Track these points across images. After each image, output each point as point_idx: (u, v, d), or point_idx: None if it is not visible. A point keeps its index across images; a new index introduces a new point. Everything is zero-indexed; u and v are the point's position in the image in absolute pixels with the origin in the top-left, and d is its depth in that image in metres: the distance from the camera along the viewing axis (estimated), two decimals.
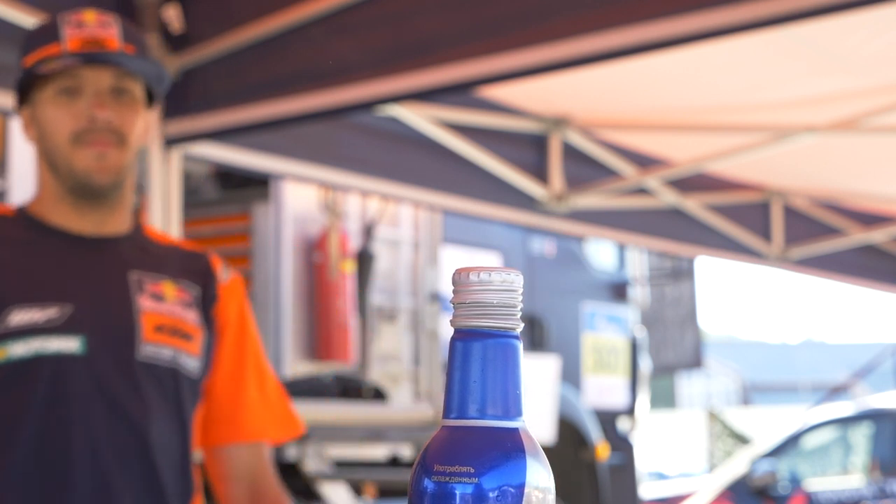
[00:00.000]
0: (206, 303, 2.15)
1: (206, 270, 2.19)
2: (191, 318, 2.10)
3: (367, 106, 3.13)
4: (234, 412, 2.17)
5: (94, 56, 2.04)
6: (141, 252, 2.14)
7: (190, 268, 2.17)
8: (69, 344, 1.99)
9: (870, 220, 5.75)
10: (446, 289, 6.93)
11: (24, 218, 2.12)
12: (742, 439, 21.18)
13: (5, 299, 2.01)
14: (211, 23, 3.17)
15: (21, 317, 2.00)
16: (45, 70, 2.03)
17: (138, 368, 2.03)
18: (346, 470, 6.13)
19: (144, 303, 2.06)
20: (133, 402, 2.02)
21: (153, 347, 2.04)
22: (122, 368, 2.03)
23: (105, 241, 2.10)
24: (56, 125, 2.04)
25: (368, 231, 6.44)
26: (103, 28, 2.08)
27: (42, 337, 1.99)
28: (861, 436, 10.29)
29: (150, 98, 2.16)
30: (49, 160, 2.08)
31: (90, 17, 2.09)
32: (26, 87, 2.09)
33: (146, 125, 2.14)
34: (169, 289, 2.10)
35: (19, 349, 1.98)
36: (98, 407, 2.00)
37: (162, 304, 2.08)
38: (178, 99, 3.21)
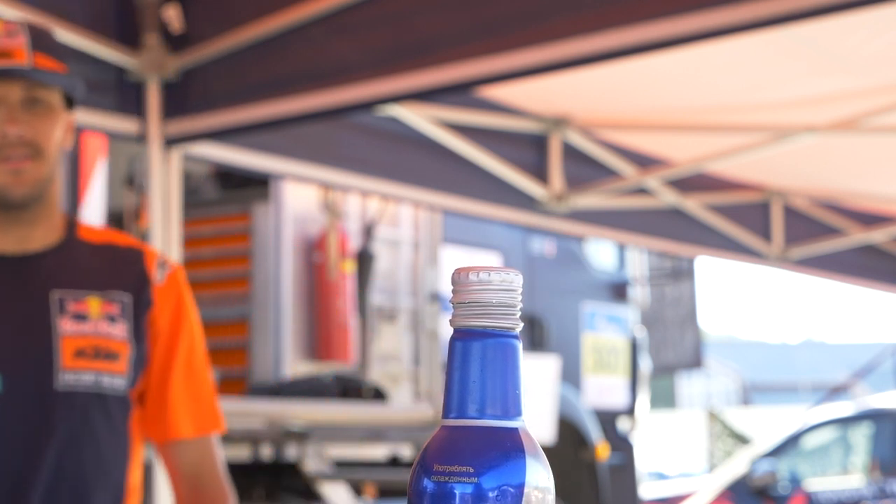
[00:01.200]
0: (139, 309, 2.10)
1: (139, 273, 2.13)
2: (117, 333, 2.06)
3: (367, 106, 3.13)
4: (160, 412, 2.14)
5: (1, 72, 2.00)
6: (67, 266, 2.08)
7: (122, 273, 2.12)
8: None
9: (870, 220, 5.75)
10: (446, 289, 6.92)
11: None
12: (742, 439, 21.17)
13: None
14: (211, 23, 3.17)
15: None
16: None
17: (56, 399, 2.00)
18: (346, 470, 6.12)
19: (65, 326, 2.02)
20: (52, 433, 1.99)
21: (72, 375, 2.01)
22: (38, 402, 1.99)
23: (28, 260, 2.06)
24: None
25: (368, 231, 6.44)
26: (10, 38, 2.02)
27: None
28: (861, 436, 10.29)
29: (71, 100, 2.12)
30: None
31: None
32: None
33: (67, 129, 2.10)
34: (94, 304, 2.05)
35: None
36: (17, 443, 1.98)
37: (85, 324, 2.03)
38: (178, 99, 3.21)
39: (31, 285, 2.05)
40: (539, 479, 0.87)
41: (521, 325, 0.90)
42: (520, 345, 0.90)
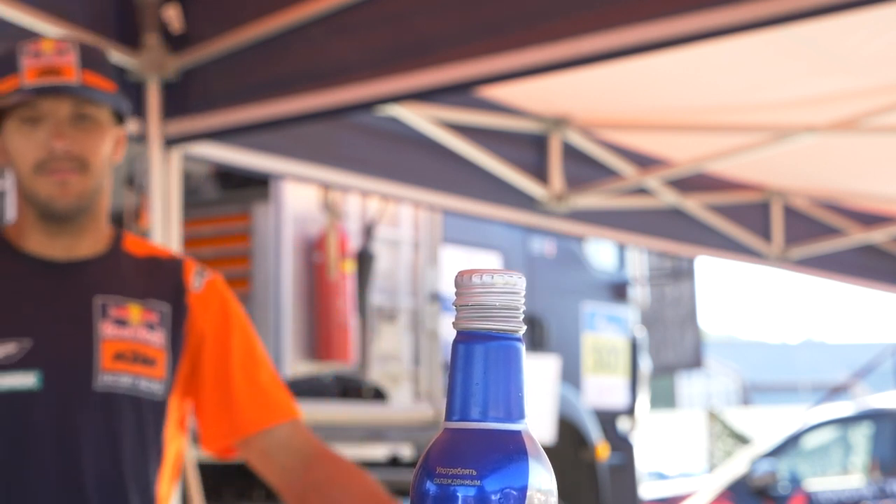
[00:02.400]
0: (177, 318, 2.16)
1: (177, 283, 2.19)
2: (155, 340, 2.12)
3: (367, 106, 3.13)
4: (230, 412, 2.17)
5: (47, 88, 2.06)
6: (111, 274, 2.15)
7: (161, 284, 2.18)
8: (25, 380, 2.03)
9: (870, 220, 5.75)
10: (446, 289, 6.93)
11: (1, 244, 2.15)
12: (742, 439, 21.17)
13: None
14: (211, 23, 3.17)
15: None
16: (3, 104, 2.07)
17: (95, 399, 2.05)
18: None
19: (106, 330, 2.08)
20: (88, 433, 2.05)
21: (111, 376, 2.06)
22: (78, 401, 2.05)
23: (75, 266, 2.13)
24: (20, 155, 2.08)
25: (368, 231, 6.44)
26: (60, 56, 2.09)
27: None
28: (861, 436, 10.29)
29: (120, 114, 2.18)
30: (20, 186, 2.12)
31: (48, 45, 2.11)
32: None
33: (117, 142, 2.16)
34: (134, 312, 2.12)
35: None
36: (53, 441, 2.03)
37: (125, 329, 2.09)
38: (178, 99, 3.21)
39: (76, 290, 2.11)
40: (542, 481, 0.87)
41: (525, 327, 0.90)
42: (523, 347, 0.90)
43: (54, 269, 2.12)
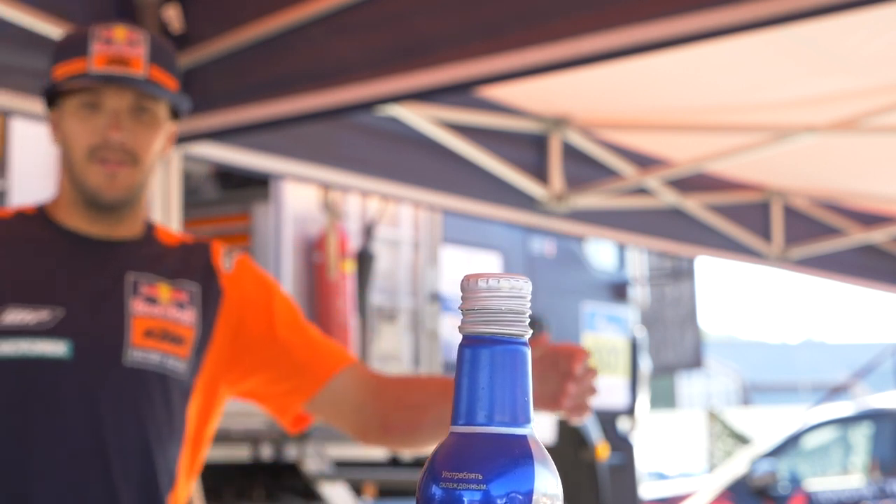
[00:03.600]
0: (209, 300, 2.19)
1: (206, 265, 2.22)
2: (185, 318, 2.14)
3: (367, 106, 3.13)
4: (296, 372, 2.20)
5: (114, 78, 2.08)
6: (143, 255, 2.18)
7: (190, 265, 2.21)
8: (56, 348, 2.04)
9: (870, 220, 5.75)
10: (446, 289, 6.93)
11: (41, 217, 2.18)
12: (742, 439, 21.18)
13: (3, 297, 2.07)
14: (211, 23, 3.17)
15: (13, 316, 2.05)
16: (68, 87, 2.09)
17: (124, 374, 2.07)
18: (346, 470, 6.13)
19: (137, 307, 2.11)
20: (115, 406, 2.07)
21: (141, 352, 2.08)
22: (107, 373, 2.07)
23: (110, 245, 2.16)
24: (74, 138, 2.10)
25: (368, 231, 6.44)
26: (131, 47, 2.12)
27: (30, 339, 2.04)
28: (861, 436, 10.29)
29: (176, 111, 2.21)
30: (67, 167, 2.15)
31: (120, 33, 2.13)
32: (55, 92, 2.14)
33: (168, 138, 2.20)
34: (164, 290, 2.14)
35: (7, 348, 2.04)
36: (80, 411, 2.05)
37: (155, 307, 2.12)
38: None
39: (110, 266, 2.14)
40: (548, 485, 0.87)
41: (530, 331, 0.90)
42: (529, 351, 0.90)
43: (90, 245, 2.15)
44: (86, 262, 2.14)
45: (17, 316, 2.06)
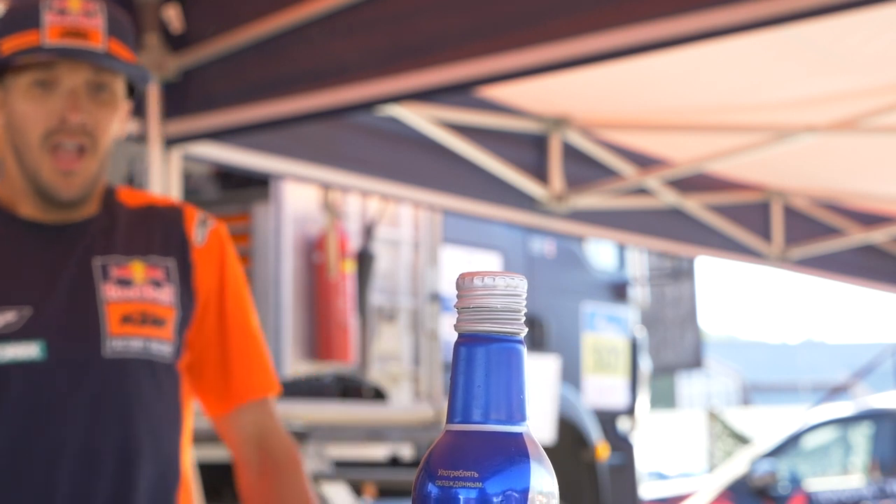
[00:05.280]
0: (184, 273, 2.02)
1: (179, 235, 2.05)
2: (164, 297, 1.98)
3: (367, 106, 3.13)
4: (217, 379, 2.05)
5: (71, 51, 1.91)
6: (108, 232, 2.00)
7: (163, 236, 2.04)
8: (27, 350, 1.89)
9: (870, 220, 5.75)
10: (446, 289, 6.93)
11: None
12: (742, 439, 21.17)
13: None
14: (211, 23, 3.17)
15: None
16: (19, 62, 1.92)
17: (106, 367, 1.92)
18: (346, 470, 6.12)
19: (109, 292, 1.94)
20: (100, 404, 1.92)
21: (120, 341, 1.93)
22: (87, 370, 1.91)
23: (70, 228, 1.99)
24: (27, 122, 1.93)
25: (368, 231, 6.44)
26: (87, 18, 1.93)
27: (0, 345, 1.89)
28: (861, 436, 10.29)
29: (132, 88, 2.05)
30: (16, 153, 1.97)
31: (75, 3, 1.94)
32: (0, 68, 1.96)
33: (124, 117, 2.03)
34: (138, 269, 1.98)
35: None
36: (64, 413, 1.90)
37: (129, 290, 1.95)
38: (178, 99, 3.21)
39: (74, 253, 1.97)
40: (544, 483, 0.87)
41: (526, 329, 0.90)
42: (524, 350, 0.90)
43: (49, 233, 1.98)
44: (47, 253, 1.96)
45: None
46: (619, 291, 8.82)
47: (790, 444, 10.22)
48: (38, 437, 1.90)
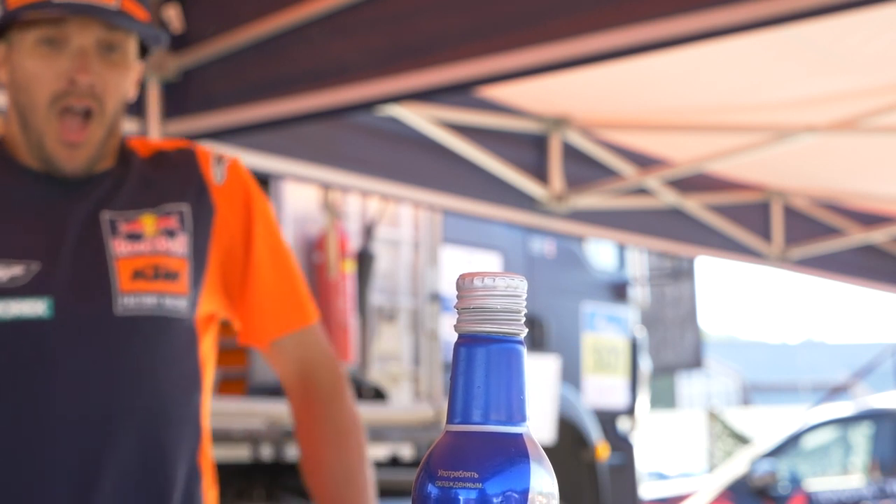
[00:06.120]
0: (201, 218, 1.91)
1: (194, 178, 1.93)
2: (177, 248, 1.86)
3: (367, 106, 3.13)
4: (253, 315, 1.95)
5: (81, 7, 1.79)
6: (119, 186, 1.89)
7: (176, 181, 1.92)
8: (34, 307, 1.78)
9: (870, 220, 5.75)
10: (446, 289, 6.93)
11: (1, 156, 1.90)
12: (742, 439, 21.18)
13: None
14: (211, 23, 3.17)
15: None
16: (26, 17, 1.80)
17: (117, 325, 1.81)
18: None
19: (119, 247, 1.83)
20: (112, 365, 1.81)
21: (133, 298, 1.81)
22: (97, 328, 1.80)
23: (81, 183, 1.88)
24: (33, 82, 1.82)
25: (368, 231, 6.44)
26: None
27: (4, 299, 1.78)
28: (861, 436, 10.29)
29: (144, 49, 1.93)
30: (20, 114, 1.86)
31: None
32: (4, 22, 1.85)
33: (135, 78, 1.92)
34: (148, 222, 1.86)
35: None
36: (73, 375, 1.79)
37: (140, 244, 1.84)
38: (178, 99, 3.21)
39: (83, 208, 1.85)
40: (544, 484, 0.87)
41: (526, 330, 0.90)
42: (524, 350, 0.90)
43: (57, 186, 1.86)
44: (56, 206, 1.85)
45: None
46: (619, 291, 8.82)
47: (790, 444, 10.22)
48: (45, 402, 1.79)
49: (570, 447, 7.89)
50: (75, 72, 1.80)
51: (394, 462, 6.49)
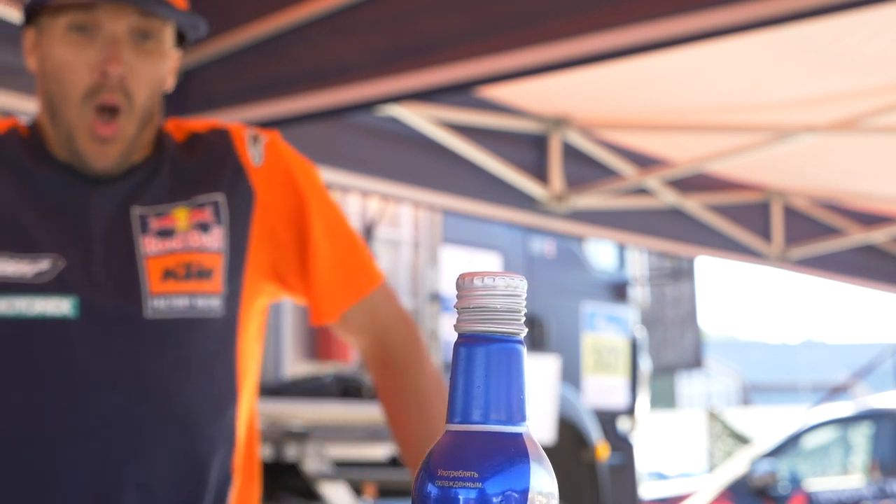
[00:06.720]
0: (239, 206, 1.80)
1: (229, 161, 1.82)
2: (211, 243, 1.76)
3: (367, 106, 3.13)
4: (318, 294, 1.84)
5: None
6: (153, 176, 1.79)
7: (209, 168, 1.81)
8: (59, 305, 1.68)
9: (870, 220, 5.75)
10: (446, 289, 6.93)
11: (35, 143, 1.79)
12: (742, 439, 21.18)
13: None
14: (211, 23, 3.16)
15: (6, 267, 1.70)
16: (55, 2, 1.70)
17: (146, 329, 1.71)
18: (346, 470, 6.13)
19: (149, 245, 1.73)
20: (139, 371, 1.71)
21: (163, 300, 1.71)
22: (124, 332, 1.70)
23: (108, 179, 1.77)
24: (64, 72, 1.72)
25: (368, 231, 6.44)
26: None
27: (28, 295, 1.68)
28: (861, 436, 10.29)
29: (181, 37, 1.83)
30: (49, 103, 1.77)
31: None
32: (33, 7, 1.75)
33: (172, 67, 1.81)
34: (181, 216, 1.76)
35: (2, 306, 1.68)
36: (98, 381, 1.69)
37: (171, 240, 1.74)
38: (178, 99, 3.21)
39: (110, 202, 1.76)
40: (543, 484, 0.87)
41: (526, 330, 0.90)
42: (524, 350, 0.90)
43: (88, 179, 1.76)
44: (86, 201, 1.75)
45: (10, 267, 1.69)
46: (619, 291, 8.83)
47: (790, 444, 10.22)
48: (67, 408, 1.68)
49: (570, 447, 7.89)
50: (106, 63, 1.70)
51: (394, 462, 6.49)
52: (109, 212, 1.75)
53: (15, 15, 2.82)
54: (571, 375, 8.04)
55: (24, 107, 2.90)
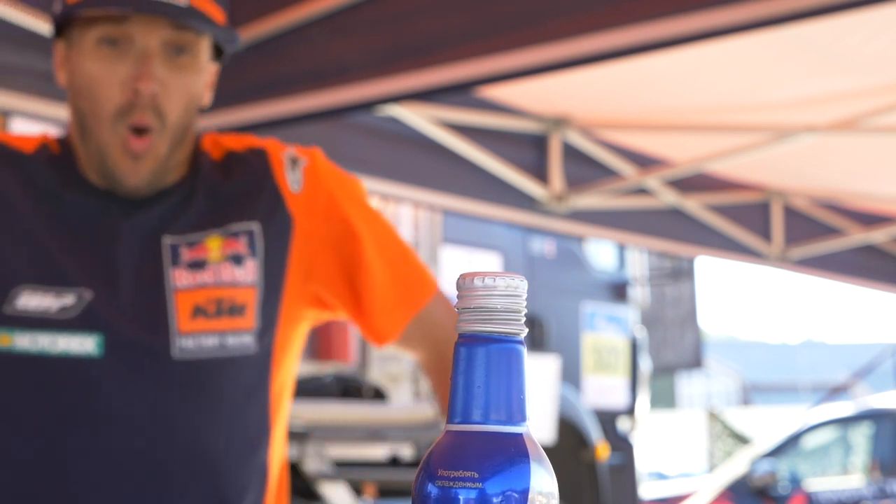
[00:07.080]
0: (275, 236, 1.70)
1: (266, 187, 1.72)
2: (244, 276, 1.66)
3: (367, 106, 3.13)
4: (373, 317, 1.75)
5: (148, 4, 1.61)
6: (185, 201, 1.70)
7: (244, 194, 1.72)
8: (84, 343, 1.60)
9: (870, 220, 5.75)
10: (446, 289, 6.93)
11: (66, 163, 1.70)
12: (742, 439, 21.19)
13: (16, 274, 1.62)
14: None
15: (30, 301, 1.61)
16: (85, 14, 1.62)
17: (174, 370, 1.62)
18: (346, 470, 6.13)
19: (180, 279, 1.64)
20: (166, 414, 1.62)
21: (192, 339, 1.62)
22: (150, 373, 1.62)
23: (143, 199, 1.69)
24: (96, 88, 1.63)
25: None
26: None
27: (51, 332, 1.60)
28: (861, 436, 10.29)
29: (218, 50, 1.76)
30: (80, 120, 1.68)
31: None
32: (63, 19, 1.67)
33: (208, 82, 1.74)
34: (214, 245, 1.67)
35: (22, 343, 1.60)
36: (123, 423, 1.61)
37: (203, 273, 1.65)
38: None
39: (141, 230, 1.67)
40: (544, 484, 0.87)
41: (526, 330, 0.90)
42: (524, 350, 0.90)
43: (118, 204, 1.68)
44: (115, 228, 1.66)
45: (35, 300, 1.61)
46: (619, 291, 8.83)
47: (790, 444, 10.22)
48: (87, 448, 1.60)
49: (570, 447, 7.89)
50: (137, 80, 1.62)
51: (394, 462, 6.49)
52: (140, 241, 1.67)
53: (17, 16, 2.83)
54: (571, 375, 8.04)
55: (25, 107, 2.90)
